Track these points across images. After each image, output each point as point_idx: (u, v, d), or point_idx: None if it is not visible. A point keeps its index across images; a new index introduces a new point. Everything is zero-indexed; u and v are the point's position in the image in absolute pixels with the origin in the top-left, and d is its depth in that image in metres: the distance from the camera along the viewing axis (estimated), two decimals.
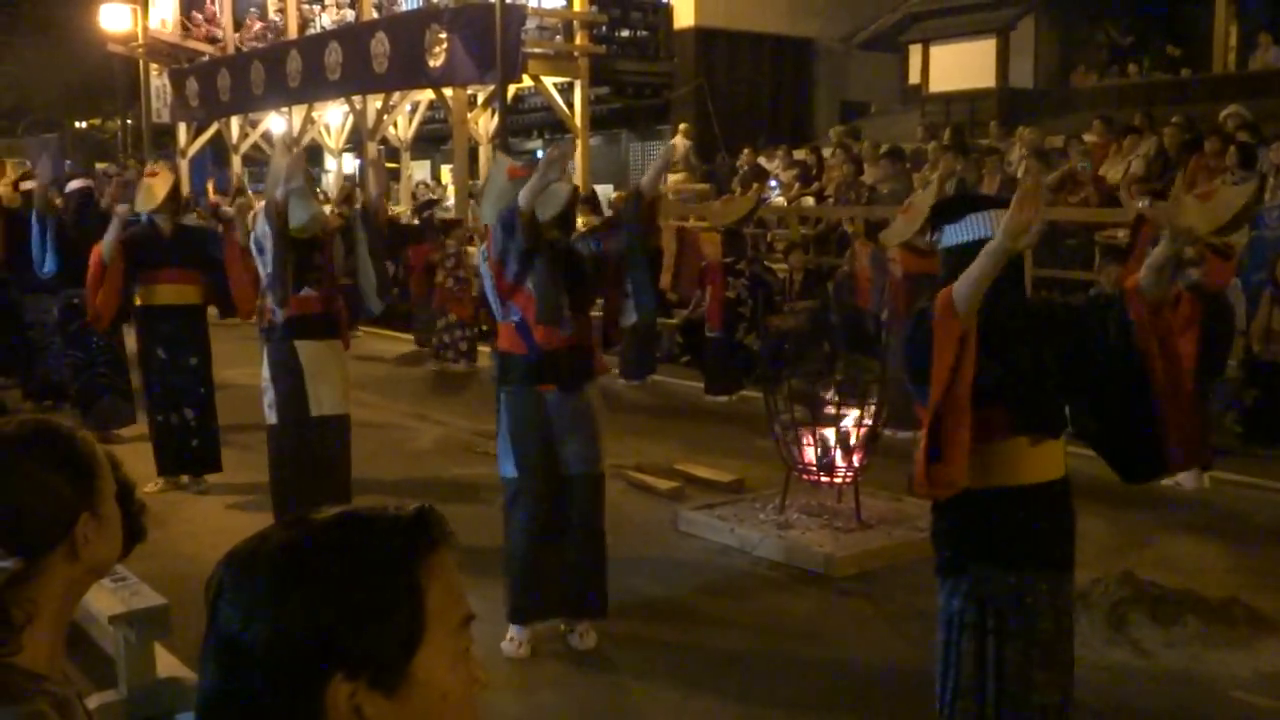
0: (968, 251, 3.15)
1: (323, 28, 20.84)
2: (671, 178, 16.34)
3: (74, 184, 8.62)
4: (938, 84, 16.68)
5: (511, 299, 4.67)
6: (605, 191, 18.04)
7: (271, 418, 6.01)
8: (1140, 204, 10.45)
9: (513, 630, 4.75)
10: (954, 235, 3.27)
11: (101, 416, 8.24)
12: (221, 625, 1.02)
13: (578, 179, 17.86)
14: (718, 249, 10.06)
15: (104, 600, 4.24)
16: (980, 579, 3.22)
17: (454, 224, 12.75)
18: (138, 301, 7.09)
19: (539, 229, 4.55)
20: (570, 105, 17.67)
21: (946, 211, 3.36)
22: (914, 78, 17.40)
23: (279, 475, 6.02)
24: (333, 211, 9.61)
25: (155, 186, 7.05)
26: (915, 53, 17.35)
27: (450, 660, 1.05)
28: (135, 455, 7.86)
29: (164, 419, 7.05)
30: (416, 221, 14.54)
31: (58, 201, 9.06)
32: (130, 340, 8.32)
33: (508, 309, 4.71)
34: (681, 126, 16.87)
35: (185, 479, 7.16)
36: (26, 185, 9.80)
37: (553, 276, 4.58)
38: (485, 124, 18.04)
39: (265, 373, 6.02)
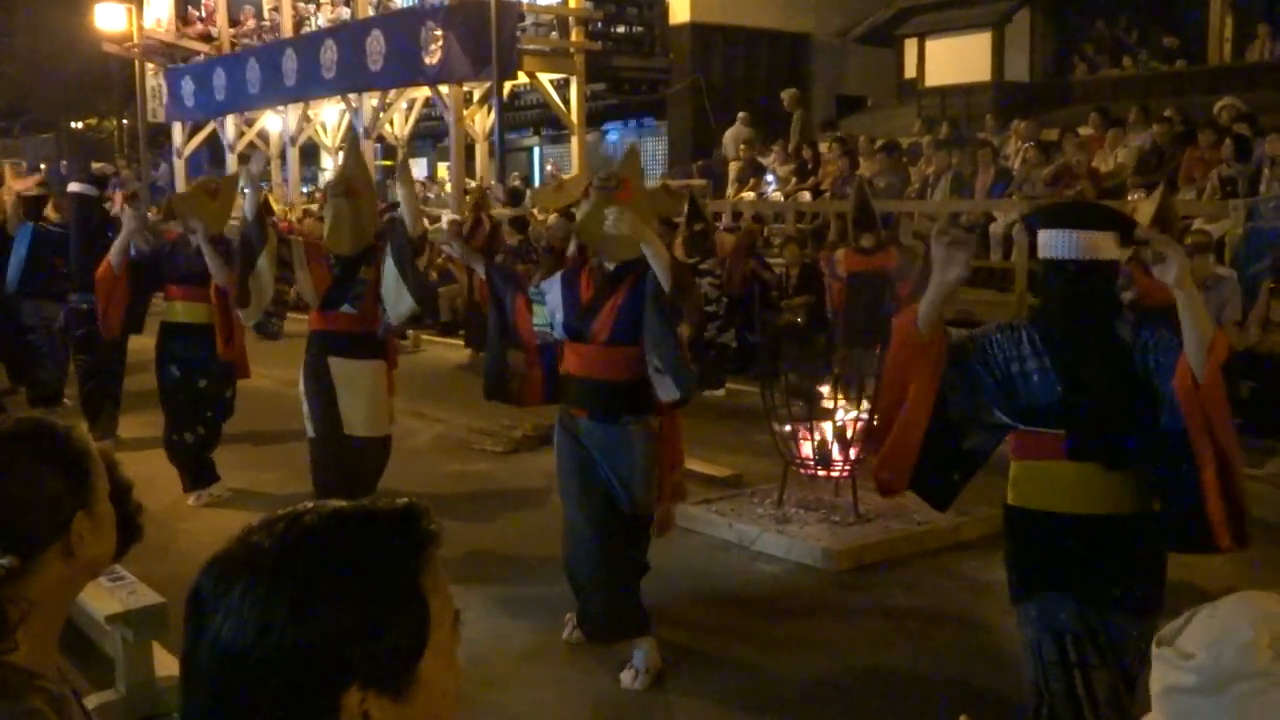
0: (1043, 268, 3.16)
1: (318, 26, 20.84)
2: (733, 165, 16.21)
3: (74, 186, 8.49)
4: (933, 78, 16.67)
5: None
6: None
7: (310, 431, 5.87)
8: (1134, 196, 10.47)
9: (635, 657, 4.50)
10: (1038, 247, 3.18)
11: (105, 426, 8.14)
12: (222, 637, 0.99)
13: (575, 176, 17.87)
14: (680, 251, 10.01)
15: (102, 600, 4.25)
16: (1047, 607, 3.10)
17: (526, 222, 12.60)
18: (162, 318, 6.97)
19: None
20: (566, 101, 17.67)
21: (1033, 220, 3.27)
22: (910, 72, 17.38)
23: (320, 491, 5.84)
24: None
25: (220, 210, 6.79)
26: (911, 47, 17.33)
27: (446, 658, 1.06)
28: (148, 463, 7.87)
29: (179, 438, 6.90)
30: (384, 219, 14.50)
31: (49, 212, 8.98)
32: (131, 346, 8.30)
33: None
34: (740, 115, 16.61)
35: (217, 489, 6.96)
36: (28, 190, 9.70)
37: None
38: (482, 121, 18.05)
39: (301, 385, 5.90)
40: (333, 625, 0.98)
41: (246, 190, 6.27)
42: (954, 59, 16.36)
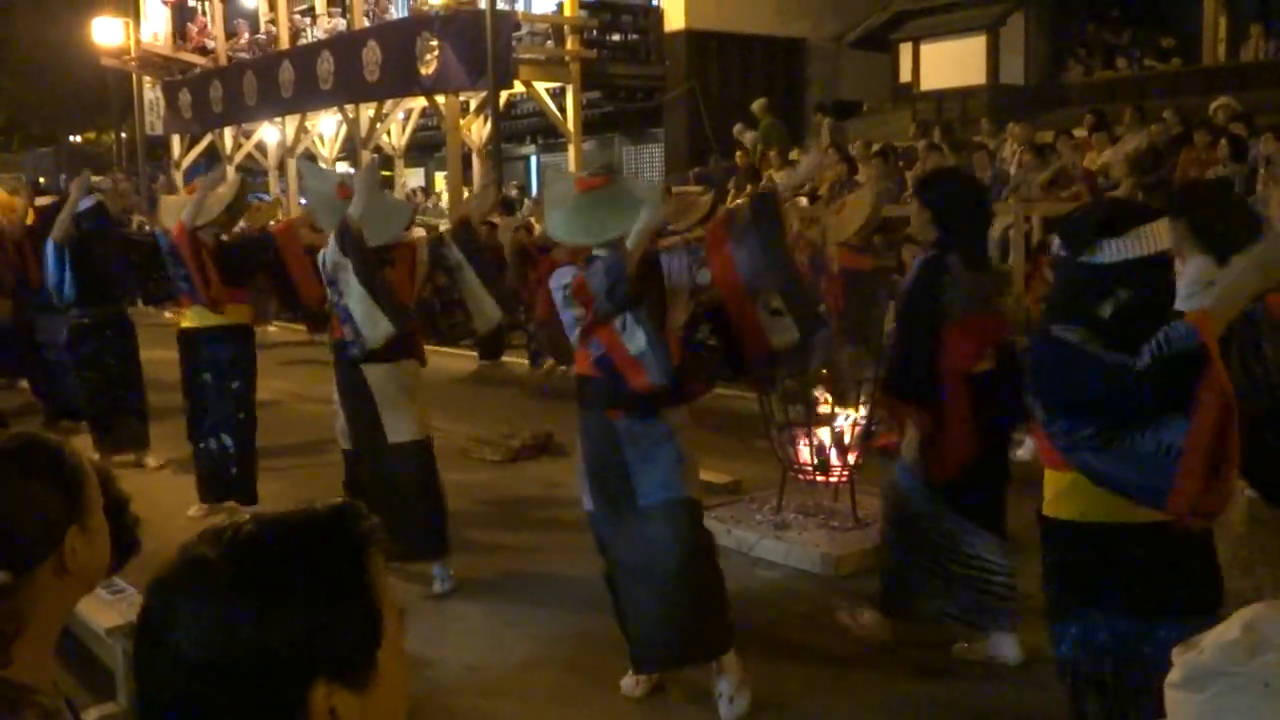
0: (1135, 268, 2.87)
1: (314, 38, 20.88)
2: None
3: (84, 203, 8.34)
4: (929, 82, 16.70)
5: (595, 334, 4.21)
6: None
7: (345, 444, 5.71)
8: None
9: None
10: (1119, 250, 2.89)
11: (120, 439, 8.03)
12: (184, 651, 1.01)
13: None
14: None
15: (102, 613, 4.27)
16: (1090, 627, 2.94)
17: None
18: (182, 324, 6.79)
19: (641, 281, 4.08)
20: (562, 110, 17.71)
21: (1109, 225, 2.93)
22: (905, 76, 17.43)
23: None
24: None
25: (221, 196, 6.62)
26: (905, 51, 17.37)
27: (397, 650, 1.10)
28: (149, 477, 7.88)
29: (204, 445, 6.74)
30: None
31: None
32: (144, 356, 8.22)
33: (589, 341, 4.25)
34: (736, 126, 16.33)
35: (230, 505, 6.78)
36: (42, 201, 9.58)
37: (658, 327, 4.08)
38: (478, 130, 18.08)
39: (335, 396, 5.72)
40: (298, 626, 1.01)
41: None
42: (949, 63, 16.40)
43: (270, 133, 22.01)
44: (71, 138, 34.69)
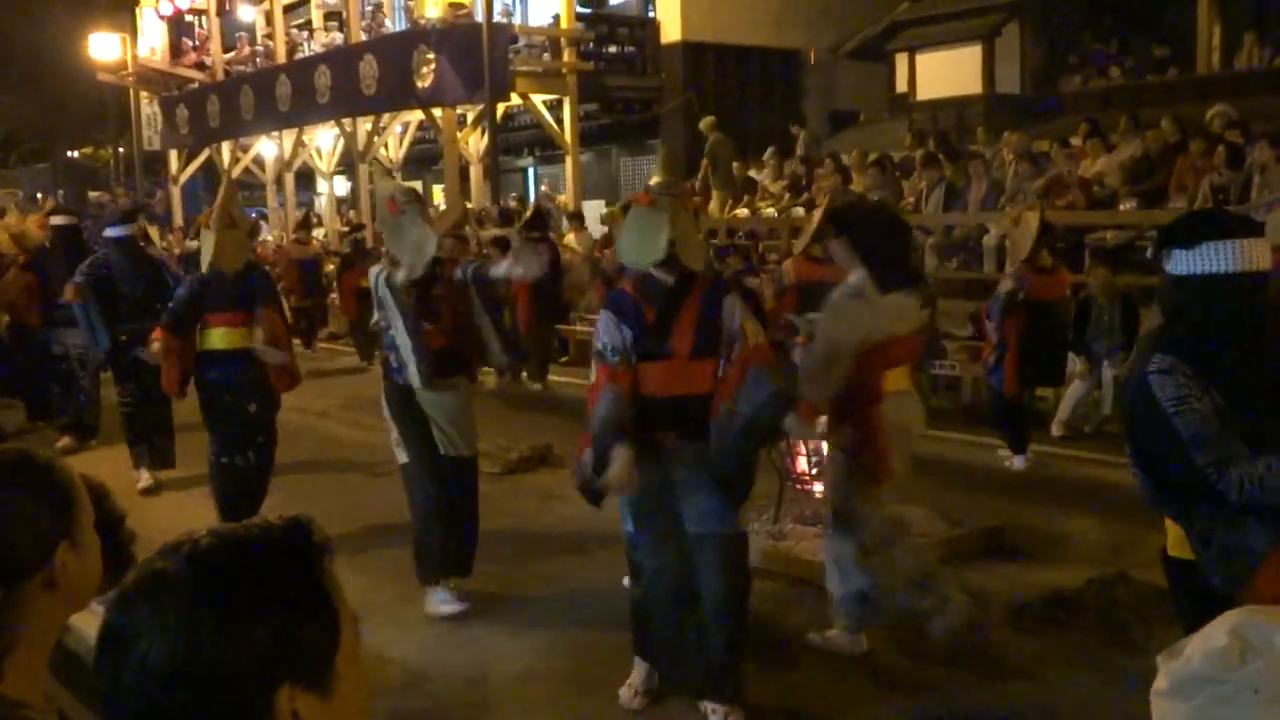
0: (1198, 286, 2.74)
1: (311, 52, 20.93)
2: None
3: (112, 231, 8.30)
4: (925, 91, 16.75)
5: (599, 370, 4.32)
6: (596, 207, 18.08)
7: (401, 456, 5.66)
8: (1125, 206, 10.51)
9: (636, 677, 4.47)
10: (1185, 263, 2.76)
11: (157, 455, 8.04)
12: (150, 661, 1.04)
13: (569, 196, 17.92)
14: None
15: None
16: None
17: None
18: (200, 346, 6.63)
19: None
20: (560, 122, 17.74)
21: (1178, 233, 2.81)
22: (901, 86, 17.48)
23: (421, 516, 5.68)
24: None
25: (231, 245, 6.55)
26: (902, 61, 17.43)
27: (355, 655, 1.13)
28: (165, 497, 7.87)
29: (229, 460, 6.60)
30: (348, 248, 14.78)
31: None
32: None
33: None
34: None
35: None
36: (57, 220, 9.58)
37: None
38: (475, 143, 18.12)
39: (385, 411, 5.67)
40: (260, 634, 1.05)
41: None
42: (945, 72, 16.45)
43: (268, 147, 22.06)
44: (69, 153, 34.73)
